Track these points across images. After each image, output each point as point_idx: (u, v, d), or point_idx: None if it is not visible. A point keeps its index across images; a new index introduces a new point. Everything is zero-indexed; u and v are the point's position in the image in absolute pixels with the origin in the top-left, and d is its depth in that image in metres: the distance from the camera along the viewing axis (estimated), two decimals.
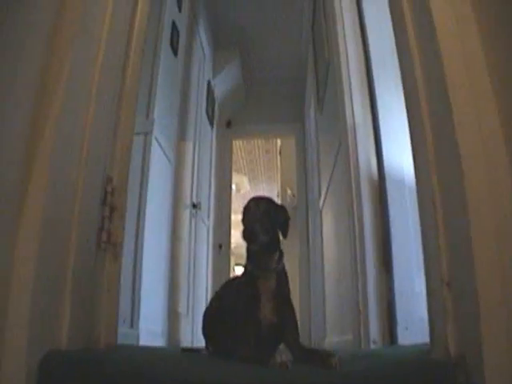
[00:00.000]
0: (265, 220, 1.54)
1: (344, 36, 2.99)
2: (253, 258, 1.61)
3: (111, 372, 1.10)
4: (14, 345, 1.10)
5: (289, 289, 1.64)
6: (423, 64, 1.28)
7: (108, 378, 1.08)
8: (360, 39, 2.95)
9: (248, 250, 1.62)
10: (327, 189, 4.12)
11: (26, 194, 1.20)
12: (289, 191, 7.09)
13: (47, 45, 1.34)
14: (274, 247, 1.61)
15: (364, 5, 2.97)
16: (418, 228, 1.33)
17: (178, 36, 4.05)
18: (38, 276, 1.17)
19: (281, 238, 1.66)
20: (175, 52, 3.95)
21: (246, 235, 1.50)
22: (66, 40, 1.37)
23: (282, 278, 1.61)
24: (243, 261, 1.68)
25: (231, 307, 1.71)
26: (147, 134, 3.21)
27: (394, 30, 1.52)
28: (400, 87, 1.48)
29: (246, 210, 1.60)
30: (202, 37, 5.22)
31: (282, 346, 1.63)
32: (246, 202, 1.65)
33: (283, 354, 1.33)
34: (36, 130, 1.25)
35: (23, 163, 1.21)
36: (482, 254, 0.96)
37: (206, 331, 1.96)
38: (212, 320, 1.90)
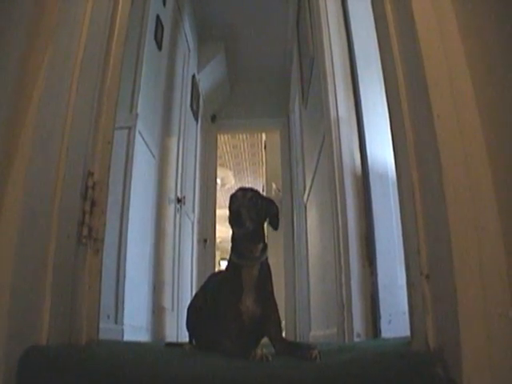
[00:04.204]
0: (251, 208, 1.55)
1: (328, 31, 2.99)
2: (237, 248, 1.63)
3: (92, 367, 1.10)
4: None
5: (272, 283, 1.65)
6: (404, 61, 1.29)
7: (88, 373, 1.08)
8: (344, 34, 2.96)
9: (232, 239, 1.64)
10: (311, 183, 4.14)
11: (4, 188, 1.19)
12: (274, 185, 7.11)
13: (27, 37, 1.33)
14: (259, 238, 1.61)
15: (348, 1, 2.98)
16: None
17: (163, 30, 4.03)
18: (18, 271, 1.16)
19: (266, 230, 1.67)
20: (159, 46, 3.93)
21: (233, 219, 1.51)
22: (46, 33, 1.37)
23: (265, 269, 1.63)
24: (228, 256, 1.69)
25: (214, 298, 1.73)
26: (131, 129, 3.19)
27: (376, 26, 1.52)
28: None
29: (234, 198, 1.61)
30: (187, 31, 5.19)
31: (264, 340, 1.64)
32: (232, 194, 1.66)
33: (264, 347, 1.34)
34: (15, 124, 1.24)
35: (2, 157, 1.20)
36: (460, 247, 0.97)
37: (190, 325, 1.97)
38: (195, 314, 1.91)
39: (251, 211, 1.54)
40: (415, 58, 1.18)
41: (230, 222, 1.52)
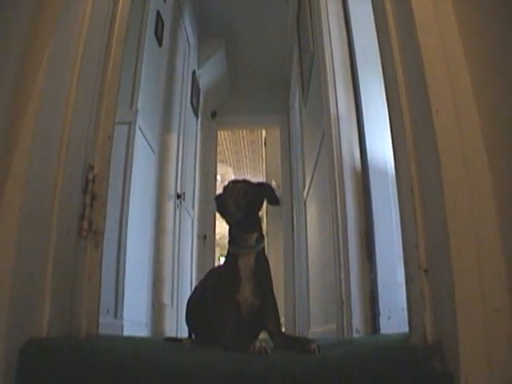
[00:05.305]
0: (239, 196, 1.59)
1: (328, 27, 2.99)
2: (233, 238, 1.66)
3: (91, 359, 1.11)
4: None
5: (270, 276, 1.67)
6: (403, 57, 1.29)
7: (88, 365, 1.08)
8: (344, 30, 2.96)
9: (229, 231, 1.67)
10: (311, 179, 4.14)
11: (5, 182, 1.19)
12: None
13: (27, 33, 1.32)
14: (252, 226, 1.64)
15: None
16: None
17: (163, 26, 4.03)
18: (18, 264, 1.16)
19: (265, 227, 1.69)
20: (160, 42, 3.93)
21: (219, 206, 1.55)
22: (47, 28, 1.36)
23: (262, 260, 1.65)
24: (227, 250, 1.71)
25: (213, 290, 1.74)
26: (131, 124, 3.19)
27: (376, 22, 1.53)
28: None
29: (223, 189, 1.65)
30: (187, 27, 5.19)
31: (263, 335, 1.65)
32: None
33: (263, 341, 1.34)
34: (16, 118, 1.24)
35: (2, 152, 1.20)
36: (458, 241, 0.98)
37: (189, 319, 1.98)
38: (195, 308, 1.92)
39: (239, 199, 1.58)
40: (414, 53, 1.18)
41: (218, 210, 1.56)
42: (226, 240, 1.69)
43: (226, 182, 1.68)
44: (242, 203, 1.58)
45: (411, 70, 1.23)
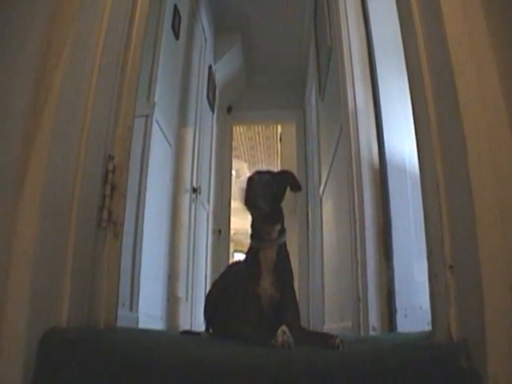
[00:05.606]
0: (267, 191, 1.57)
1: (346, 21, 2.96)
2: (255, 231, 1.65)
3: (111, 350, 1.10)
4: (14, 323, 1.10)
5: (291, 269, 1.66)
6: (428, 48, 1.26)
7: (107, 356, 1.08)
8: (362, 23, 2.92)
9: (252, 225, 1.66)
10: (328, 175, 4.11)
11: (26, 172, 1.19)
12: None
13: (48, 24, 1.33)
14: (275, 219, 1.63)
15: None
16: (419, 215, 1.31)
17: (180, 19, 4.02)
18: (39, 254, 1.16)
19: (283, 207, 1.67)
20: (177, 35, 3.93)
21: (248, 200, 1.53)
22: (67, 20, 1.37)
23: (283, 253, 1.64)
24: (242, 247, 1.70)
25: (233, 283, 1.74)
26: (148, 117, 3.20)
27: (399, 12, 1.50)
28: (402, 73, 1.46)
29: (250, 181, 1.62)
30: (204, 21, 5.19)
31: (284, 327, 1.64)
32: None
33: (285, 335, 1.33)
34: (37, 108, 1.24)
35: (23, 141, 1.20)
36: (486, 236, 0.95)
37: (208, 313, 1.97)
38: (214, 302, 1.92)
39: (267, 193, 1.56)
40: (441, 46, 1.15)
41: (246, 204, 1.54)
42: (241, 236, 1.68)
43: (250, 174, 1.66)
44: (269, 196, 1.56)
45: (436, 60, 1.21)
